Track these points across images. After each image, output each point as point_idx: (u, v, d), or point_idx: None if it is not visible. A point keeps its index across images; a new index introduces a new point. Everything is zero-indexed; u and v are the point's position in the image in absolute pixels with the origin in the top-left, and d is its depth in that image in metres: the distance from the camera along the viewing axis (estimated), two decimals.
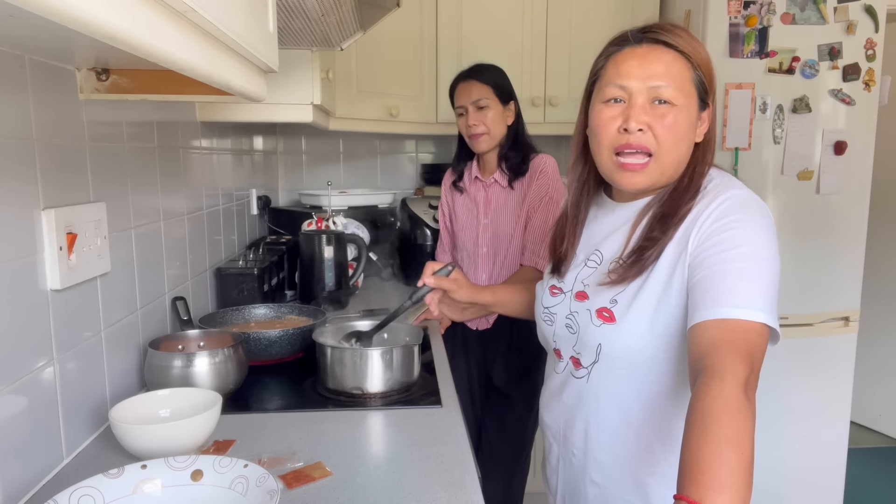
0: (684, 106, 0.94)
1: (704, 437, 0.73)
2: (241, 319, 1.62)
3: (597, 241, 1.07)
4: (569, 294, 1.08)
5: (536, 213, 1.82)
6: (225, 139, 1.93)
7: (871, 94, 2.28)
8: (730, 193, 0.93)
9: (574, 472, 1.10)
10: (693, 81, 0.95)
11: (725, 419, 0.73)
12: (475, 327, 1.96)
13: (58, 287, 0.97)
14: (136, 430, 0.96)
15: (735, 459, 0.70)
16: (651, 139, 0.94)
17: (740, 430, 0.73)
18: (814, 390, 2.33)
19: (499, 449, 1.97)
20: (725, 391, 0.76)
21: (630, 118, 0.94)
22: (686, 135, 0.95)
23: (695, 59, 0.94)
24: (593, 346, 1.01)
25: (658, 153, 0.94)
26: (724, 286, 0.85)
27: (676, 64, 0.94)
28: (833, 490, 2.44)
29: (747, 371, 0.78)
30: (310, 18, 1.21)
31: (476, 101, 1.83)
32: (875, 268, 3.08)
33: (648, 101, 0.94)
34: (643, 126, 0.93)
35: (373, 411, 1.23)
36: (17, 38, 0.82)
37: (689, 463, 0.72)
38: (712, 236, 0.90)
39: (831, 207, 2.30)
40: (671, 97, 0.93)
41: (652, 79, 0.93)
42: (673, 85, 0.93)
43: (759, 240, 0.89)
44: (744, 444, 0.72)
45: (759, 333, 0.83)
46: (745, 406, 0.75)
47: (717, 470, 0.70)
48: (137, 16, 0.51)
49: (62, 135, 1.01)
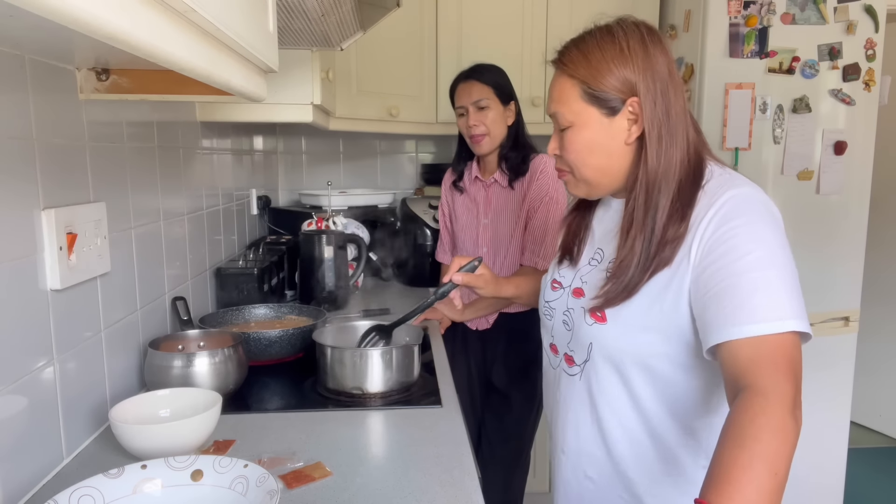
0: (579, 124, 0.97)
1: (740, 450, 0.71)
2: (241, 319, 1.62)
3: (600, 238, 1.07)
4: (567, 290, 1.08)
5: (536, 213, 1.82)
6: (225, 139, 1.93)
7: (871, 94, 2.28)
8: (729, 194, 0.90)
9: (566, 469, 1.11)
10: (581, 97, 0.96)
11: (766, 436, 0.71)
12: (475, 327, 1.96)
13: (58, 287, 0.97)
14: (136, 430, 0.96)
15: (767, 478, 0.69)
16: (564, 161, 1.01)
17: (779, 450, 0.71)
18: (814, 390, 2.33)
19: (499, 449, 1.97)
20: (769, 409, 0.73)
21: (549, 145, 1.04)
22: (592, 149, 0.97)
23: (579, 76, 0.95)
24: (585, 344, 1.02)
25: (572, 170, 1.01)
26: (742, 300, 0.82)
27: (565, 85, 0.97)
28: (833, 490, 2.44)
29: (793, 388, 0.76)
30: (310, 18, 1.21)
31: (477, 102, 1.83)
32: (875, 268, 3.08)
33: (557, 126, 1.01)
34: (556, 151, 1.02)
35: (373, 411, 1.23)
36: (17, 38, 0.82)
37: (718, 471, 0.71)
38: (717, 246, 0.87)
39: (831, 207, 2.30)
40: (565, 121, 0.98)
41: (550, 106, 1.01)
42: (562, 108, 0.98)
43: (768, 242, 0.86)
44: (780, 464, 0.70)
45: (794, 344, 0.81)
46: (790, 426, 0.73)
47: (746, 484, 0.68)
48: (137, 16, 0.51)
49: (62, 135, 1.01)
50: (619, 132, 0.96)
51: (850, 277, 2.36)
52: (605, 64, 0.94)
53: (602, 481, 1.05)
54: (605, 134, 0.96)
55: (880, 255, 3.25)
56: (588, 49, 0.96)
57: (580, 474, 1.08)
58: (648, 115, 0.93)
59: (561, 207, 1.86)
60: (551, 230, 1.82)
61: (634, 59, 0.93)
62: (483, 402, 2.03)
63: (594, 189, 1.02)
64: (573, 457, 1.09)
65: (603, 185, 1.01)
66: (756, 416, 0.73)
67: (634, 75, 0.93)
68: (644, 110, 0.93)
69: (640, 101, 0.93)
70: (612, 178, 0.99)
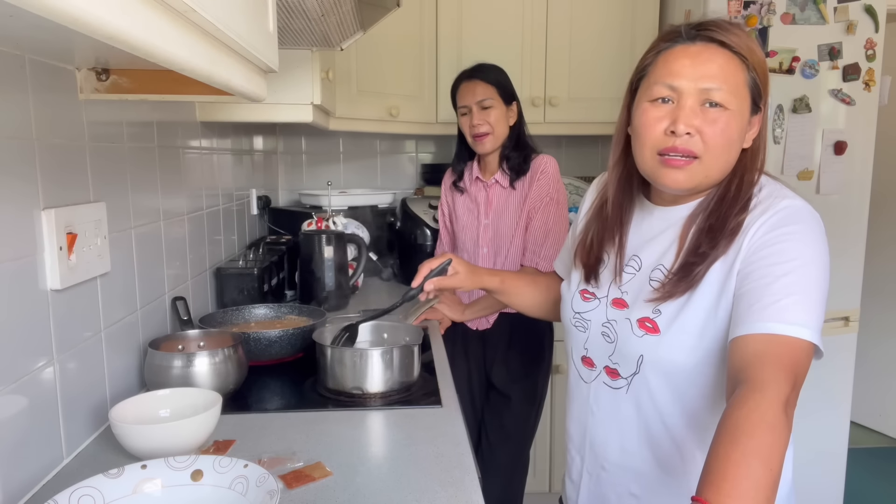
0: (737, 110, 0.89)
1: (734, 446, 0.72)
2: (241, 319, 1.62)
3: (635, 245, 1.02)
4: (604, 300, 1.03)
5: (537, 213, 1.82)
6: (225, 139, 1.93)
7: (871, 94, 2.28)
8: (784, 204, 0.89)
9: (605, 486, 1.05)
10: (747, 84, 0.90)
11: (759, 432, 0.72)
12: (475, 327, 1.96)
13: (58, 287, 0.97)
14: (136, 430, 0.96)
15: (762, 473, 0.69)
16: (698, 143, 0.90)
17: (773, 445, 0.72)
18: (814, 390, 2.32)
19: (499, 449, 1.97)
20: (763, 405, 0.74)
21: (679, 120, 0.89)
22: (736, 140, 0.91)
23: (751, 60, 0.90)
24: (634, 357, 0.96)
25: (704, 157, 0.90)
26: (772, 300, 0.82)
27: (731, 65, 0.89)
28: (833, 490, 2.44)
29: (789, 388, 0.77)
30: (310, 18, 1.21)
31: (480, 101, 1.83)
32: (875, 268, 3.08)
33: (699, 103, 0.89)
34: (692, 130, 0.89)
35: (373, 411, 1.23)
36: (17, 38, 0.82)
37: (713, 468, 0.71)
38: (762, 248, 0.86)
39: (831, 207, 2.30)
40: (723, 100, 0.88)
41: (704, 80, 0.88)
42: (726, 87, 0.88)
43: (810, 255, 0.86)
44: (773, 459, 0.71)
45: (805, 352, 0.81)
46: (782, 423, 0.73)
47: (742, 480, 0.69)
48: (137, 16, 0.51)
49: (62, 135, 1.01)
50: (747, 131, 0.93)
51: (850, 277, 2.36)
52: (762, 58, 0.91)
53: (648, 498, 1.00)
54: (744, 131, 0.93)
55: (880, 255, 3.25)
56: (752, 40, 0.90)
57: (623, 491, 1.03)
58: (765, 125, 0.94)
59: (562, 208, 1.86)
60: (552, 231, 1.82)
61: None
62: (483, 402, 2.03)
63: (707, 183, 0.93)
64: (616, 472, 1.03)
65: (714, 182, 0.94)
66: (751, 412, 0.74)
67: (769, 81, 0.94)
68: (765, 118, 0.93)
69: (765, 108, 0.93)
70: (723, 175, 0.93)
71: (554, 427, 2.37)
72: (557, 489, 2.38)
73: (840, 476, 2.43)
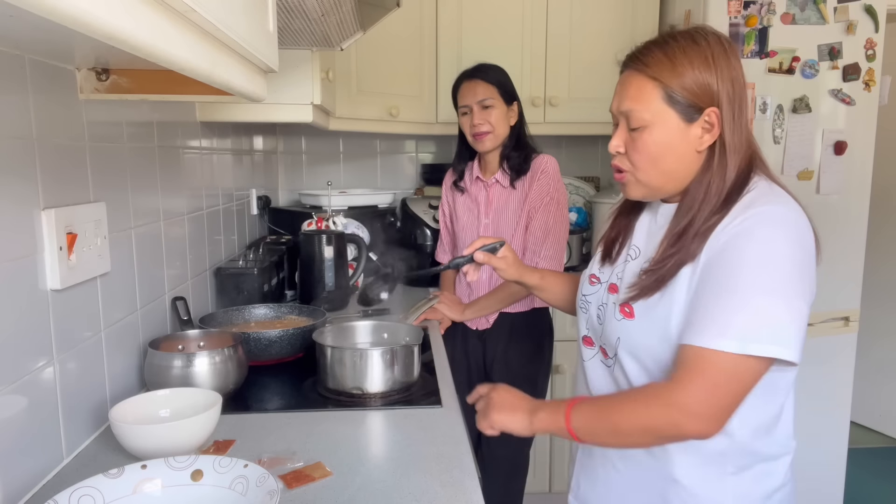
0: (657, 126, 0.96)
1: (625, 396, 0.95)
2: (241, 319, 1.62)
3: (640, 237, 1.08)
4: (605, 285, 1.10)
5: (538, 213, 1.82)
6: (225, 139, 1.93)
7: (871, 94, 2.28)
8: (759, 210, 0.91)
9: (595, 459, 1.11)
10: (664, 100, 0.95)
11: (650, 410, 0.89)
12: (475, 327, 1.96)
13: (58, 287, 0.97)
14: (136, 430, 0.96)
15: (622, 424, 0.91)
16: (625, 161, 1.00)
17: (647, 424, 0.89)
18: (814, 390, 2.33)
19: (499, 449, 1.97)
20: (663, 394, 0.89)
21: (609, 142, 1.02)
22: (664, 152, 0.96)
23: (663, 79, 0.95)
24: (613, 339, 1.04)
25: (634, 172, 1.00)
26: (705, 312, 0.89)
27: (645, 85, 0.96)
28: (833, 490, 2.44)
29: (702, 397, 0.86)
30: (310, 18, 1.21)
31: (482, 101, 1.83)
32: (875, 268, 3.08)
33: (626, 125, 0.99)
34: (618, 149, 1.00)
35: (373, 411, 1.23)
36: (17, 38, 0.82)
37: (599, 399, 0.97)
38: (718, 255, 0.91)
39: (831, 207, 2.30)
40: (640, 121, 0.96)
41: (623, 104, 0.99)
42: (641, 108, 0.96)
43: (773, 265, 0.87)
44: (635, 430, 0.90)
45: (731, 362, 0.86)
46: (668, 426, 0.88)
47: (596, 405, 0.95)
48: (137, 16, 0.51)
49: (62, 135, 1.01)
50: (693, 139, 0.96)
51: (850, 277, 2.36)
52: (691, 70, 0.94)
53: (630, 473, 1.05)
54: (681, 139, 0.96)
55: (880, 255, 3.25)
56: (673, 53, 0.95)
57: (609, 466, 1.08)
58: (728, 127, 0.95)
59: (562, 208, 1.86)
60: (552, 230, 1.82)
61: (718, 69, 0.95)
62: None
63: (654, 192, 1.01)
64: (602, 448, 1.09)
65: (665, 190, 1.00)
66: (659, 395, 0.89)
67: (717, 85, 0.94)
68: (724, 121, 0.95)
69: (718, 112, 0.95)
70: (676, 182, 0.99)
71: None
72: (557, 489, 2.38)
73: (840, 476, 2.43)
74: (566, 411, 0.96)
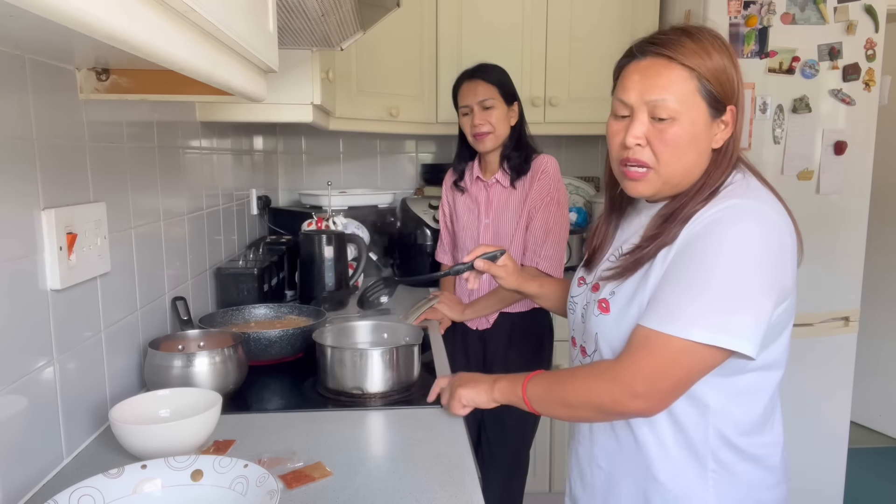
0: (686, 118, 0.92)
1: (576, 371, 1.00)
2: (241, 319, 1.62)
3: (622, 238, 1.08)
4: (590, 285, 1.10)
5: (538, 213, 1.82)
6: (225, 139, 1.93)
7: (871, 94, 2.28)
8: (730, 203, 0.91)
9: (582, 458, 1.12)
10: (699, 92, 0.92)
11: (597, 384, 0.94)
12: (475, 327, 1.96)
13: (58, 287, 0.97)
14: (136, 430, 0.96)
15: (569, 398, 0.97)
16: (649, 154, 0.95)
17: (592, 398, 0.94)
18: (814, 390, 2.33)
19: (499, 449, 1.97)
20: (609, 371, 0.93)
21: (629, 133, 0.95)
22: (689, 146, 0.94)
23: (700, 70, 0.92)
24: (592, 335, 1.04)
25: (657, 167, 0.95)
26: (662, 296, 0.91)
27: (678, 76, 0.92)
28: (833, 490, 2.44)
29: (647, 377, 0.89)
30: (310, 18, 1.21)
31: (482, 101, 1.83)
32: (875, 268, 3.08)
33: (649, 115, 0.94)
34: (640, 141, 0.95)
35: (373, 411, 1.23)
36: (17, 38, 0.82)
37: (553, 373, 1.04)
38: (689, 243, 0.91)
39: (831, 207, 2.30)
40: (670, 112, 0.92)
41: (650, 93, 0.93)
42: (672, 98, 0.92)
43: (725, 255, 0.88)
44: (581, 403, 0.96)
45: (677, 347, 0.88)
46: (612, 402, 0.92)
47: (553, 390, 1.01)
48: (137, 16, 0.51)
49: (62, 135, 1.01)
50: (712, 135, 0.96)
51: (850, 277, 2.36)
52: (723, 65, 0.93)
53: (613, 470, 1.05)
54: (705, 133, 0.95)
55: (880, 255, 3.25)
56: (705, 45, 0.93)
57: (593, 464, 1.09)
58: (739, 125, 0.96)
59: (563, 208, 1.86)
60: (553, 230, 1.82)
61: (738, 69, 0.95)
62: None
63: (667, 189, 0.98)
64: (587, 446, 1.10)
65: (679, 187, 0.97)
66: (605, 372, 0.94)
67: (737, 83, 0.95)
68: (738, 119, 0.95)
69: (735, 111, 0.95)
70: (690, 179, 0.97)
71: (554, 427, 2.37)
72: (557, 489, 2.38)
73: (840, 476, 2.43)
74: (524, 382, 1.05)
